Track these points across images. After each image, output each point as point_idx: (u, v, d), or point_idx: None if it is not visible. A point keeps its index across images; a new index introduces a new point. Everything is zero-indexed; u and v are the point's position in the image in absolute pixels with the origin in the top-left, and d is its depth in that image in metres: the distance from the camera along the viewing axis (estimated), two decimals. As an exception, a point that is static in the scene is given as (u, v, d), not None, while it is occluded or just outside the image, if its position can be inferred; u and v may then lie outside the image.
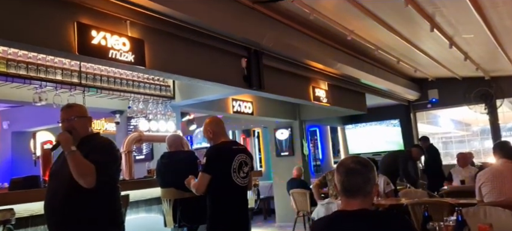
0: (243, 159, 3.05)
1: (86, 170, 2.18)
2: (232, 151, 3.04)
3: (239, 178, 3.00)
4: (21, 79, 3.91)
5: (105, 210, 2.32)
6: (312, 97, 6.48)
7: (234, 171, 2.97)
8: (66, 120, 2.37)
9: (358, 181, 1.65)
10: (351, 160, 1.71)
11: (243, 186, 3.03)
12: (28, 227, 3.01)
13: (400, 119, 9.68)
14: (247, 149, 3.27)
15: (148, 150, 5.88)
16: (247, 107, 7.05)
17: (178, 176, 3.60)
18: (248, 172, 3.07)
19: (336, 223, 1.68)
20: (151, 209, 4.04)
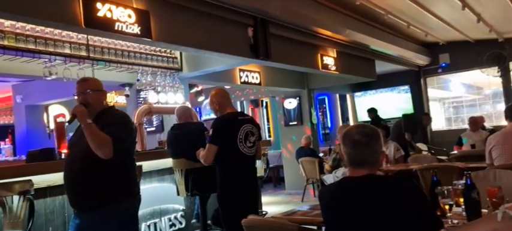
0: (249, 129, 3.07)
1: (103, 142, 2.23)
2: (238, 121, 3.07)
3: (246, 148, 3.04)
4: (31, 54, 3.95)
5: (122, 181, 2.38)
6: (320, 66, 6.41)
7: (240, 141, 3.00)
8: (81, 94, 2.39)
9: (364, 153, 1.64)
10: (356, 131, 1.68)
11: (250, 155, 3.07)
12: (47, 197, 3.11)
13: (410, 86, 9.56)
14: (253, 119, 3.29)
15: (159, 122, 5.94)
16: (254, 77, 7.02)
17: (188, 147, 3.65)
18: (255, 141, 3.10)
19: (342, 189, 1.70)
20: (164, 179, 4.13)
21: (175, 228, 4.17)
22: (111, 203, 2.31)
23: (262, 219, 2.01)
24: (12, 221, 2.52)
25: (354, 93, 10.25)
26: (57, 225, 3.16)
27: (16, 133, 7.91)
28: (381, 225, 1.55)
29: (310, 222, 2.24)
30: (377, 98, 9.90)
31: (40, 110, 7.20)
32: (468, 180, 1.98)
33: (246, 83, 6.86)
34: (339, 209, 1.66)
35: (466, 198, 1.98)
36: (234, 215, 2.82)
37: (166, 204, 4.13)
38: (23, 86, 7.46)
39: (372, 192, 1.61)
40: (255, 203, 3.16)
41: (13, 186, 2.55)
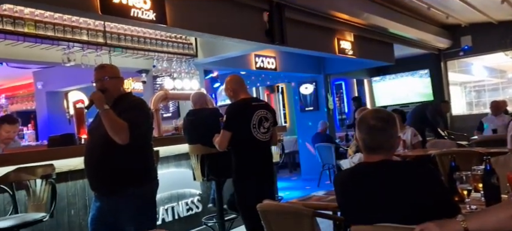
0: (263, 115, 3.07)
1: (120, 128, 2.26)
2: (251, 107, 3.07)
3: (260, 133, 3.04)
4: (50, 40, 4.03)
5: (140, 165, 2.42)
6: (337, 50, 6.32)
7: (254, 127, 3.01)
8: (99, 80, 2.43)
9: (380, 138, 1.62)
10: (372, 116, 1.65)
11: (264, 141, 3.08)
12: (68, 181, 3.20)
13: (429, 69, 9.33)
14: (268, 104, 3.28)
15: (175, 108, 6.00)
16: (270, 62, 6.98)
17: (204, 132, 3.68)
18: (269, 127, 3.10)
19: (358, 174, 1.69)
20: (180, 164, 4.19)
21: (192, 212, 4.24)
22: (130, 187, 2.36)
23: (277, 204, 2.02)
24: (35, 203, 2.61)
25: (372, 77, 10.08)
26: (78, 208, 3.25)
27: (38, 119, 8.13)
28: (396, 210, 1.53)
29: (325, 207, 2.24)
30: (395, 83, 9.73)
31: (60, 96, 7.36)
32: (487, 165, 1.94)
33: (262, 68, 6.83)
34: (354, 195, 1.66)
35: (485, 183, 1.94)
36: (248, 200, 2.89)
37: (183, 188, 4.20)
38: (43, 73, 7.63)
39: (388, 177, 1.59)
40: (270, 188, 3.17)
41: (36, 170, 2.63)
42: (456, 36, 8.81)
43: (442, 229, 1.32)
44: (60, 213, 3.11)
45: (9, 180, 2.55)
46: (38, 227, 2.92)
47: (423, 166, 1.57)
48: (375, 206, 1.58)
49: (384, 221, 1.52)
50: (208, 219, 4.01)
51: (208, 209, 4.17)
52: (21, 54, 4.40)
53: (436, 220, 1.38)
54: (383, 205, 1.56)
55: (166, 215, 4.00)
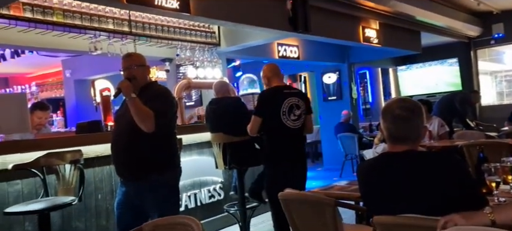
0: (294, 102, 3.10)
1: (146, 116, 2.31)
2: (282, 94, 3.11)
3: (289, 121, 3.08)
4: (77, 29, 4.14)
5: (164, 152, 2.47)
6: (362, 38, 6.19)
7: (283, 113, 3.06)
8: (127, 68, 2.48)
9: (405, 128, 1.58)
10: (397, 105, 1.61)
11: (294, 128, 3.10)
12: (95, 166, 3.30)
13: (458, 58, 9.01)
14: (301, 92, 3.28)
15: (197, 97, 6.06)
16: (293, 51, 6.92)
17: (226, 121, 3.71)
18: (301, 114, 3.12)
19: (381, 165, 1.66)
20: (203, 152, 4.24)
21: (214, 200, 4.30)
22: (154, 174, 2.41)
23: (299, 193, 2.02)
24: (65, 187, 2.71)
25: (397, 66, 9.84)
26: (105, 193, 3.36)
27: (66, 106, 8.40)
28: (420, 201, 1.50)
29: (348, 197, 2.23)
30: (422, 72, 9.46)
31: (87, 84, 7.58)
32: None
33: (284, 57, 6.78)
34: (377, 185, 1.63)
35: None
36: (276, 185, 2.80)
37: (206, 176, 4.26)
38: (72, 61, 7.84)
39: (413, 167, 1.56)
40: (300, 176, 3.17)
41: (65, 155, 2.73)
42: (487, 23, 8.45)
43: (468, 221, 1.29)
44: (88, 197, 3.22)
45: (40, 164, 2.65)
46: (67, 210, 3.03)
47: (449, 156, 1.53)
48: (399, 196, 1.56)
49: (408, 212, 1.49)
50: (230, 206, 4.06)
51: (229, 197, 4.22)
52: (51, 42, 4.54)
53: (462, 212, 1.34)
54: (407, 196, 1.53)
55: (189, 201, 4.08)
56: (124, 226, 2.41)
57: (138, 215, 2.43)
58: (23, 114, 2.90)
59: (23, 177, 2.85)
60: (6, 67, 7.43)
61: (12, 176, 2.78)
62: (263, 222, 4.42)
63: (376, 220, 1.54)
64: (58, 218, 3.03)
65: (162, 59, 5.80)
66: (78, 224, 3.17)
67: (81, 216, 3.19)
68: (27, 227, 2.87)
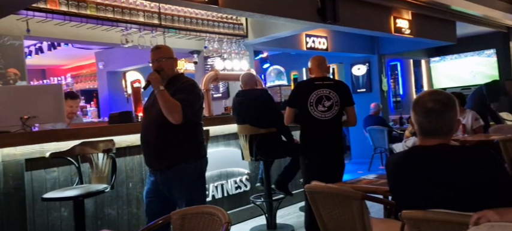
0: (324, 94, 3.13)
1: (173, 108, 2.36)
2: (312, 86, 3.18)
3: (317, 112, 3.14)
4: (110, 22, 4.26)
5: (191, 143, 2.52)
6: (393, 29, 6.01)
7: (310, 105, 3.14)
8: (156, 61, 2.53)
9: (437, 121, 1.53)
10: (429, 98, 1.56)
11: (323, 119, 3.13)
12: (126, 156, 3.41)
13: (496, 49, 8.60)
14: (337, 84, 3.25)
15: (225, 88, 6.10)
16: (321, 43, 6.83)
17: (252, 113, 3.72)
18: (331, 106, 3.13)
19: (412, 157, 1.61)
20: (229, 143, 4.28)
21: (240, 191, 4.34)
22: (182, 164, 2.46)
23: (325, 186, 2.00)
24: (98, 175, 2.81)
25: (430, 58, 9.51)
26: (136, 181, 3.46)
27: (99, 97, 8.69)
28: (452, 196, 1.45)
29: (375, 191, 2.19)
30: (456, 63, 9.10)
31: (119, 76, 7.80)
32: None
33: (313, 49, 6.70)
34: (407, 178, 1.59)
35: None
36: (307, 175, 3.16)
37: (232, 167, 4.30)
38: (104, 53, 8.09)
39: (445, 162, 1.51)
40: (331, 166, 3.16)
41: (98, 144, 2.82)
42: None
43: (502, 217, 1.24)
44: (120, 185, 3.33)
45: (75, 153, 2.76)
46: (100, 197, 3.15)
47: (484, 151, 1.47)
48: (429, 191, 1.51)
49: (438, 207, 1.45)
50: (256, 198, 4.08)
51: (256, 188, 4.25)
52: (85, 35, 4.69)
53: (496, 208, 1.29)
54: (438, 190, 1.49)
55: (216, 192, 4.14)
56: (153, 214, 2.48)
57: (166, 203, 2.50)
58: (58, 104, 3.02)
59: (59, 165, 2.97)
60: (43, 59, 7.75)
61: (49, 164, 2.91)
62: (289, 215, 4.43)
63: (405, 215, 1.50)
64: (91, 205, 3.15)
65: (191, 51, 5.88)
66: (111, 211, 3.29)
67: (113, 204, 3.30)
68: (63, 212, 3.00)
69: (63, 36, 4.69)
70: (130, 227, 3.32)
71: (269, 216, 3.91)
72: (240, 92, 3.96)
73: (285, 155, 3.93)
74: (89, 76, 10.02)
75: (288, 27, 5.32)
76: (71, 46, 6.86)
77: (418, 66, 10.11)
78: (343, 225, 1.93)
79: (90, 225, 2.99)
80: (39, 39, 5.55)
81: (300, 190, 4.66)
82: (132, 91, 4.45)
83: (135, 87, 4.43)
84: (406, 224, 1.54)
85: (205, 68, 5.85)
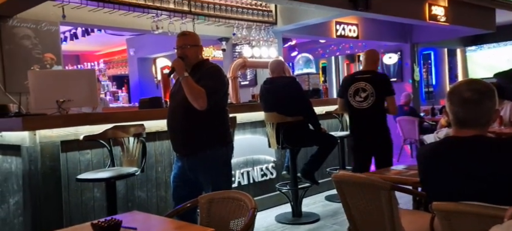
0: (361, 86, 3.56)
1: (198, 94, 2.38)
2: (352, 79, 3.66)
3: (355, 102, 3.60)
4: (141, 9, 4.34)
5: (216, 129, 2.54)
6: (428, 16, 5.80)
7: (350, 95, 3.61)
8: (180, 47, 2.54)
9: (474, 111, 1.46)
10: (466, 87, 1.49)
11: (359, 108, 3.57)
12: (156, 140, 3.49)
13: (539, 38, 8.14)
14: (373, 77, 3.57)
15: (252, 76, 6.10)
16: (352, 30, 6.68)
17: (279, 101, 3.71)
18: (367, 96, 3.53)
19: (444, 149, 1.56)
20: (256, 131, 4.29)
21: (266, 178, 4.36)
22: (207, 149, 2.48)
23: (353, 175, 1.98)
24: (129, 158, 2.90)
25: (466, 47, 9.11)
26: (164, 166, 3.54)
27: (130, 83, 8.91)
28: (486, 189, 1.40)
29: (405, 182, 2.14)
30: (495, 53, 8.68)
31: (149, 62, 7.96)
32: None
33: (342, 36, 6.57)
34: (438, 169, 1.54)
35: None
36: (355, 153, 3.73)
37: (258, 155, 4.31)
38: (136, 40, 8.26)
39: (480, 154, 1.45)
40: (369, 149, 3.61)
41: (129, 129, 2.90)
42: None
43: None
44: (149, 169, 3.42)
45: (107, 136, 2.85)
46: (131, 180, 3.25)
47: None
48: (462, 183, 1.46)
49: (471, 200, 1.40)
50: (282, 185, 4.09)
51: (282, 176, 4.25)
52: (117, 21, 4.80)
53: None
54: (471, 182, 1.43)
55: (242, 178, 4.17)
56: (179, 198, 2.52)
57: (192, 188, 2.54)
58: (92, 88, 3.12)
59: (92, 147, 3.08)
60: (77, 45, 8.01)
61: (83, 146, 3.03)
62: (315, 203, 4.42)
63: (435, 206, 1.46)
64: (123, 187, 3.26)
65: (219, 38, 5.90)
66: (140, 194, 3.39)
67: (143, 186, 3.40)
68: (96, 193, 3.12)
69: (96, 22, 4.82)
70: (159, 210, 3.42)
71: (294, 204, 3.91)
72: (267, 79, 3.95)
73: (312, 144, 3.90)
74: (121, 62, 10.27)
75: (317, 14, 5.23)
76: (104, 33, 7.05)
77: (453, 55, 9.72)
78: (371, 216, 1.90)
79: (121, 206, 3.09)
80: (74, 25, 5.73)
81: (327, 179, 4.62)
82: (162, 77, 4.54)
83: (164, 73, 4.51)
84: (437, 216, 1.50)
85: (233, 55, 5.87)
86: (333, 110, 4.56)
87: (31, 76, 3.06)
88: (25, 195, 2.86)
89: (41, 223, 2.78)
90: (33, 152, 2.78)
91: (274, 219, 3.90)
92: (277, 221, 3.86)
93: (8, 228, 3.07)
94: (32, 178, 2.79)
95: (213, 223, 1.80)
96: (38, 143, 2.79)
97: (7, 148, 3.00)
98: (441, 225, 1.49)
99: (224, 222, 1.81)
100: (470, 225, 1.39)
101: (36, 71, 4.08)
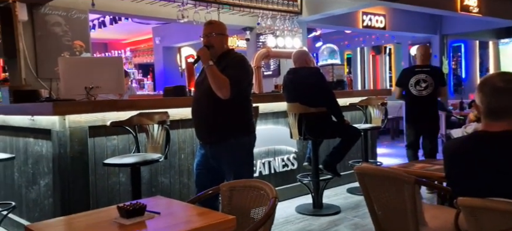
0: (421, 78, 4.34)
1: (222, 83, 2.40)
2: (413, 71, 4.43)
3: (415, 90, 4.36)
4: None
5: (239, 118, 2.56)
6: (459, 7, 5.60)
7: (410, 85, 4.37)
8: (206, 36, 2.57)
9: (508, 100, 1.42)
10: (500, 78, 1.46)
11: (418, 96, 4.34)
12: (179, 128, 3.54)
13: None
14: (431, 71, 4.37)
15: (276, 66, 6.08)
16: (379, 21, 6.54)
17: (302, 91, 3.68)
18: (427, 86, 4.31)
19: (472, 144, 1.51)
20: (278, 121, 4.29)
21: (287, 169, 4.36)
22: (230, 138, 2.51)
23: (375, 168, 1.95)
24: (153, 145, 2.96)
25: (499, 39, 8.75)
26: (187, 153, 3.60)
27: (155, 71, 9.06)
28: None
29: (430, 176, 2.09)
30: (530, 46, 8.30)
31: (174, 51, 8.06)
32: None
33: (369, 27, 6.44)
34: (465, 164, 1.50)
35: None
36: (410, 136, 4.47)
37: (280, 145, 4.31)
38: (161, 29, 8.38)
39: (509, 150, 1.40)
40: (424, 130, 4.42)
41: (154, 116, 2.96)
42: None
43: None
44: (173, 156, 3.49)
45: (133, 123, 2.91)
46: (155, 166, 3.33)
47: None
48: (490, 179, 1.42)
49: (498, 196, 1.36)
50: (303, 177, 4.08)
51: (303, 167, 4.24)
52: (143, 10, 4.87)
53: None
54: (500, 179, 1.39)
55: (263, 168, 4.19)
56: (202, 185, 2.56)
57: (215, 176, 2.57)
58: (119, 76, 3.19)
59: (118, 133, 3.17)
60: (105, 33, 8.20)
61: (110, 131, 3.11)
62: (336, 195, 4.39)
63: (461, 202, 1.43)
64: (147, 173, 3.34)
65: (243, 28, 5.90)
66: (164, 180, 3.46)
67: (166, 173, 3.47)
68: (121, 177, 3.22)
69: (124, 10, 4.91)
70: (182, 196, 3.48)
71: (315, 196, 3.90)
72: (291, 70, 3.92)
73: (335, 136, 3.86)
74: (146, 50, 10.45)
75: (344, 4, 5.14)
76: (131, 21, 7.18)
77: (485, 47, 9.35)
78: (393, 210, 1.88)
79: (145, 191, 3.17)
80: (102, 13, 5.87)
81: (349, 172, 4.58)
82: (186, 66, 4.58)
83: (188, 62, 4.56)
84: (462, 211, 1.46)
85: (257, 45, 5.86)
86: (357, 102, 4.50)
87: (61, 63, 3.16)
88: (55, 177, 2.98)
89: (70, 204, 2.89)
90: (62, 137, 2.88)
91: (295, 210, 3.90)
92: (298, 211, 3.86)
93: (39, 208, 3.21)
94: (61, 161, 2.90)
95: (234, 211, 1.82)
96: (67, 127, 2.89)
97: (39, 132, 3.12)
98: (467, 221, 1.46)
99: (245, 210, 1.83)
100: (497, 222, 1.36)
101: (66, 58, 4.21)
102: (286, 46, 5.46)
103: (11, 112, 3.33)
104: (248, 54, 5.95)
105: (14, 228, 3.37)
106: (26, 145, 3.30)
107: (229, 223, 1.52)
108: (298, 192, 4.29)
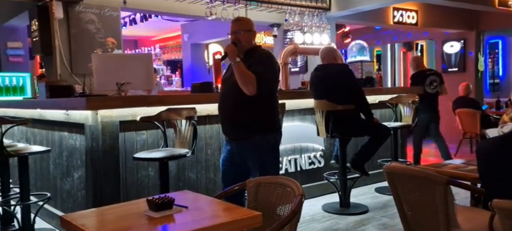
0: (433, 79, 5.28)
1: (248, 80, 2.40)
2: (425, 75, 5.31)
3: (429, 89, 5.24)
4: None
5: (265, 115, 2.56)
6: (497, 2, 5.36)
7: (426, 85, 5.21)
8: (234, 33, 2.58)
9: None
10: None
11: (432, 93, 5.26)
12: (206, 124, 3.58)
13: None
14: (437, 73, 5.40)
15: (303, 63, 6.03)
16: (410, 17, 6.35)
17: (330, 88, 3.63)
18: (437, 85, 5.26)
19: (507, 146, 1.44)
20: (305, 118, 4.25)
21: (314, 167, 4.32)
22: (256, 135, 2.51)
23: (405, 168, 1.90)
24: (181, 140, 3.01)
25: (540, 35, 8.30)
26: (214, 149, 3.64)
27: (184, 67, 9.20)
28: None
29: (463, 177, 2.02)
30: None
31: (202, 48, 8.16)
32: None
33: (400, 23, 6.27)
34: (501, 166, 1.44)
35: None
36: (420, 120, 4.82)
37: (307, 142, 4.28)
38: (189, 26, 8.49)
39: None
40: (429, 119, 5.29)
41: (182, 111, 3.00)
42: None
43: None
44: (199, 151, 3.53)
45: (161, 118, 2.97)
46: (182, 161, 3.38)
47: None
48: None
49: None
50: (330, 175, 4.03)
51: (330, 166, 4.19)
52: (173, 7, 4.95)
53: None
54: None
55: (289, 165, 4.17)
56: (228, 181, 2.58)
57: (241, 172, 2.58)
58: (148, 72, 3.26)
59: (148, 128, 3.24)
60: (135, 30, 8.40)
61: (139, 126, 3.19)
62: (363, 194, 4.31)
63: (496, 204, 1.37)
64: (174, 167, 3.40)
65: (271, 24, 5.89)
66: (191, 175, 3.51)
67: (193, 168, 3.52)
68: (150, 171, 3.29)
69: (154, 8, 5.01)
70: (208, 191, 3.53)
71: (342, 195, 3.85)
72: (318, 66, 3.87)
73: (364, 134, 3.79)
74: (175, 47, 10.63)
75: (374, 0, 5.02)
76: (161, 18, 7.32)
77: (525, 44, 8.89)
78: (424, 211, 1.82)
79: (173, 185, 3.23)
80: (133, 10, 6.01)
81: (377, 171, 4.49)
82: (214, 62, 4.63)
83: (216, 59, 4.60)
84: (497, 214, 1.40)
85: (284, 42, 5.83)
86: (386, 99, 4.40)
87: (94, 59, 3.26)
88: (87, 170, 3.08)
89: (101, 197, 2.98)
90: (95, 131, 2.98)
91: (321, 208, 3.86)
92: (324, 210, 3.82)
93: (72, 200, 3.34)
94: (93, 154, 3.00)
95: (260, 207, 1.82)
96: (100, 122, 2.98)
97: (72, 126, 3.24)
98: (502, 224, 1.39)
99: (271, 207, 1.83)
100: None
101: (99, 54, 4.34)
102: (314, 43, 5.40)
103: (47, 106, 3.47)
104: (275, 50, 5.93)
105: (49, 218, 3.53)
106: (61, 138, 3.44)
107: (255, 219, 1.52)
108: (324, 191, 4.25)
